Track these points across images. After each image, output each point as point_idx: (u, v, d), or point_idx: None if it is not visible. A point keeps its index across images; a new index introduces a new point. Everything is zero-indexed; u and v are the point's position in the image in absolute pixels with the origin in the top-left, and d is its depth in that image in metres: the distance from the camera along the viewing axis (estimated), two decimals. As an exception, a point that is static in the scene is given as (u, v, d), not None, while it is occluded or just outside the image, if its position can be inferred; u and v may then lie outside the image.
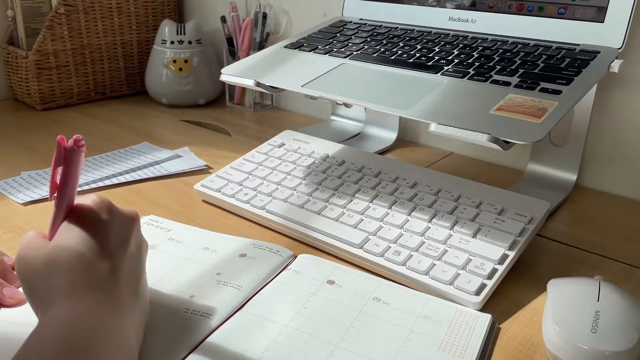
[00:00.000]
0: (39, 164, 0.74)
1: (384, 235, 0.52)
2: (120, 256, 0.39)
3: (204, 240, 0.54)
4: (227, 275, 0.48)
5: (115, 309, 0.36)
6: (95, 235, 0.38)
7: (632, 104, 0.66)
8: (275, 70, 0.64)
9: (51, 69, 0.97)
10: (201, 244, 0.53)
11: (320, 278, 0.48)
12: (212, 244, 0.53)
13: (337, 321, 0.43)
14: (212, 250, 0.52)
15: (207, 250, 0.52)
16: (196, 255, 0.51)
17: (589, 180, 0.71)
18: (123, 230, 0.40)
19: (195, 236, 0.55)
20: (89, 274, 0.36)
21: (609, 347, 0.38)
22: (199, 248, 0.53)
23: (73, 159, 0.38)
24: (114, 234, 0.39)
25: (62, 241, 0.38)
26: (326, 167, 0.64)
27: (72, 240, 0.37)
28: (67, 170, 0.38)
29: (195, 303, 0.44)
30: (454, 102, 0.53)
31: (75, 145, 0.37)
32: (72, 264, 0.36)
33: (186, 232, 0.56)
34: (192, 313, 0.43)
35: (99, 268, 0.37)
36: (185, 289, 0.46)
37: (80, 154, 0.38)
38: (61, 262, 0.36)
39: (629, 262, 0.54)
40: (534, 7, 0.63)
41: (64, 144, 0.37)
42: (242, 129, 0.91)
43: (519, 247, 0.50)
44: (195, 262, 0.50)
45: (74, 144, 0.37)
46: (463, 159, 0.79)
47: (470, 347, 0.41)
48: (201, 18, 1.09)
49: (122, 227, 0.40)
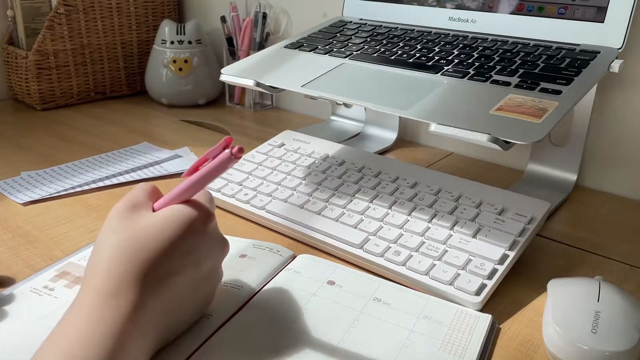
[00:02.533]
0: (39, 164, 0.74)
1: (384, 235, 0.52)
2: (184, 275, 0.37)
3: None
4: (227, 276, 0.48)
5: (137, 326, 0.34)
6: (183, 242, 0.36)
7: (632, 104, 0.66)
8: (275, 70, 0.64)
9: (51, 69, 0.97)
10: None
11: (320, 278, 0.48)
12: None
13: (337, 321, 0.43)
14: None
15: None
16: None
17: (589, 180, 0.71)
18: (206, 253, 0.38)
19: None
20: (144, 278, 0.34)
21: (609, 347, 0.38)
22: None
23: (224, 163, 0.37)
24: (197, 250, 0.37)
25: (153, 225, 0.36)
26: (326, 167, 0.64)
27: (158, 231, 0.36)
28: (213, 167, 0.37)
29: None
30: (454, 102, 0.53)
31: (235, 156, 0.36)
32: (139, 257, 0.35)
33: None
34: None
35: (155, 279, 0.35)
36: None
37: (233, 162, 0.37)
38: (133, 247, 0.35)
39: (629, 262, 0.54)
40: (534, 7, 0.63)
41: (227, 146, 0.37)
42: (242, 129, 0.91)
43: (519, 247, 0.50)
44: None
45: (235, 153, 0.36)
46: (463, 159, 0.79)
47: (470, 348, 0.41)
48: (201, 18, 1.09)
49: (208, 249, 0.39)
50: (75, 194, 0.65)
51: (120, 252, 0.35)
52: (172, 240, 0.36)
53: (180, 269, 0.36)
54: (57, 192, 0.65)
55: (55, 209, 0.62)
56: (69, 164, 0.73)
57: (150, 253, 0.35)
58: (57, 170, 0.71)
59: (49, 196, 0.64)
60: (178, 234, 0.36)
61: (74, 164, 0.73)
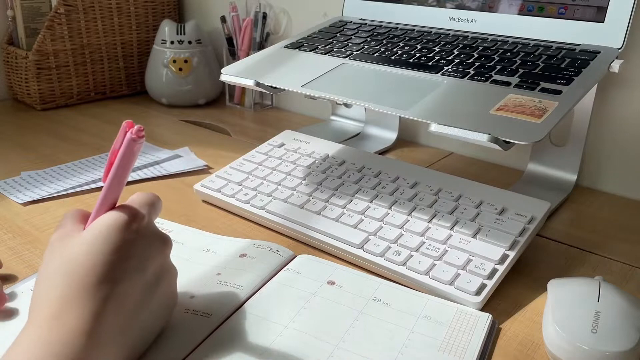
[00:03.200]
0: (39, 164, 0.74)
1: (384, 235, 0.52)
2: (130, 281, 0.35)
3: (205, 242, 0.54)
4: (227, 276, 0.48)
5: (95, 342, 0.33)
6: (114, 254, 0.35)
7: (632, 104, 0.66)
8: (275, 70, 0.64)
9: (51, 69, 0.96)
10: (202, 245, 0.53)
11: (320, 278, 0.48)
12: (212, 246, 0.53)
13: (337, 322, 0.43)
14: (212, 252, 0.52)
15: (207, 252, 0.52)
16: (197, 257, 0.51)
17: (589, 180, 0.71)
18: (146, 253, 0.37)
19: (195, 237, 0.55)
20: (80, 296, 0.33)
21: (609, 347, 0.38)
22: (200, 249, 0.52)
23: (131, 148, 0.36)
24: (135, 254, 0.36)
25: (80, 244, 0.35)
26: (326, 167, 0.64)
27: (87, 246, 0.35)
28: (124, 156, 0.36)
29: (195, 303, 0.44)
30: (454, 102, 0.53)
31: (138, 136, 0.35)
32: (74, 276, 0.34)
33: (187, 233, 0.56)
34: (192, 313, 0.43)
35: (93, 295, 0.34)
36: (186, 290, 0.46)
37: (139, 143, 0.36)
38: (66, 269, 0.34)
39: (629, 262, 0.54)
40: (534, 7, 0.63)
41: (127, 129, 0.36)
42: (242, 129, 0.91)
43: (519, 247, 0.50)
44: (196, 263, 0.50)
45: (135, 134, 0.35)
46: (463, 159, 0.79)
47: (470, 348, 0.41)
48: (201, 18, 1.09)
49: (147, 249, 0.37)
50: (75, 194, 0.65)
51: (57, 277, 0.34)
52: (103, 251, 0.35)
53: (122, 277, 0.35)
54: (57, 192, 0.65)
55: (55, 209, 0.62)
56: (69, 164, 0.73)
57: (84, 270, 0.34)
58: (57, 170, 0.71)
59: (49, 196, 0.64)
60: (107, 243, 0.35)
61: (74, 164, 0.73)
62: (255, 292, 0.46)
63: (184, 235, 0.55)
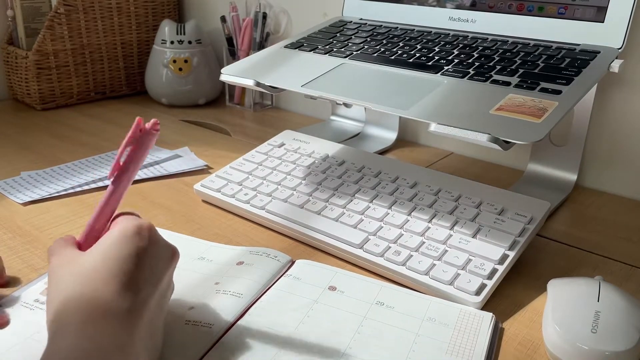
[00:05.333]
0: (39, 164, 0.74)
1: (384, 235, 0.52)
2: (147, 292, 0.35)
3: (198, 250, 0.53)
4: (226, 284, 0.46)
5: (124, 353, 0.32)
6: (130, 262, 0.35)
7: (632, 104, 0.66)
8: (275, 70, 0.64)
9: (51, 69, 0.96)
10: (196, 253, 0.52)
11: (321, 284, 0.47)
12: (206, 254, 0.52)
13: (342, 328, 0.42)
14: (207, 260, 0.51)
15: (202, 260, 0.51)
16: (191, 266, 0.50)
17: (589, 180, 0.71)
18: (160, 263, 0.37)
19: (188, 245, 0.53)
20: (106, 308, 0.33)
21: (609, 347, 0.38)
22: (194, 258, 0.51)
23: (145, 142, 0.37)
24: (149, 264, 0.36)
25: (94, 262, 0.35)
26: (326, 167, 0.64)
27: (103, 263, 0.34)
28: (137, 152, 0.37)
29: (195, 314, 0.43)
30: (454, 102, 0.53)
31: (153, 129, 0.36)
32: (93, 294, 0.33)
33: (179, 241, 0.54)
34: (193, 324, 0.42)
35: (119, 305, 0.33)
36: (184, 301, 0.44)
37: (155, 137, 0.37)
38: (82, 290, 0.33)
39: (629, 262, 0.54)
40: (534, 7, 0.63)
41: (140, 125, 0.36)
42: (242, 129, 0.91)
43: (519, 247, 0.50)
44: (191, 272, 0.49)
45: (152, 127, 0.36)
46: (463, 159, 0.79)
47: (477, 349, 0.40)
48: (201, 18, 1.09)
49: (160, 259, 0.37)
50: (75, 194, 0.65)
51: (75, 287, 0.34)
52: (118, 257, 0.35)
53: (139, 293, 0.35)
54: (57, 192, 0.65)
55: (55, 209, 0.62)
56: (69, 164, 0.73)
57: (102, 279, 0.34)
58: (57, 170, 0.71)
59: (49, 196, 0.64)
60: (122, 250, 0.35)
61: (74, 164, 0.73)
62: (256, 300, 0.45)
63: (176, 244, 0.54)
